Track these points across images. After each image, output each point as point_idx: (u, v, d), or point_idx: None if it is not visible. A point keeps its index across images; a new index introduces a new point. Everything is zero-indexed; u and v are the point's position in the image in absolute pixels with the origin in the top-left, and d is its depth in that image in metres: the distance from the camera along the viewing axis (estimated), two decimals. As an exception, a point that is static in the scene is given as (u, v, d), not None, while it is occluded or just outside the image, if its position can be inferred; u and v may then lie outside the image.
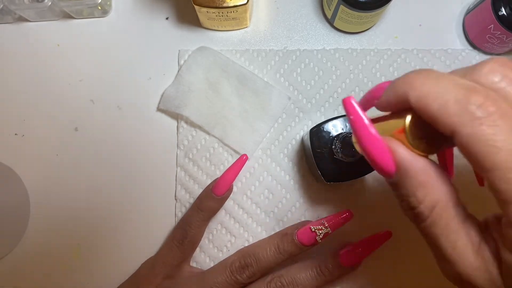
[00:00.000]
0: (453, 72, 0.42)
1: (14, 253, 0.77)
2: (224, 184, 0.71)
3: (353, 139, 0.49)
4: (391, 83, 0.44)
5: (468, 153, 0.37)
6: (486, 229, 0.41)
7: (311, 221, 0.69)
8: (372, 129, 0.42)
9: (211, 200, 0.71)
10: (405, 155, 0.41)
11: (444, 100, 0.38)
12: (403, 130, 0.43)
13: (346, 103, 0.42)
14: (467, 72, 0.41)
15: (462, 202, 0.42)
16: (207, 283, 0.68)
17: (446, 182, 0.42)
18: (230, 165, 0.72)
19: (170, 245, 0.72)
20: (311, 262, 0.70)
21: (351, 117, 0.42)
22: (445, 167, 0.54)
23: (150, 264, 0.74)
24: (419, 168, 0.41)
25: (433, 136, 0.43)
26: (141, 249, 0.77)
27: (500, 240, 0.39)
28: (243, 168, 0.75)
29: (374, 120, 0.46)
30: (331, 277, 0.69)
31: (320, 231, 0.65)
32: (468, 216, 0.42)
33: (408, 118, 0.42)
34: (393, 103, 0.43)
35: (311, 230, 0.65)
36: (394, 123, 0.44)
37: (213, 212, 0.72)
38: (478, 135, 0.36)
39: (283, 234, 0.68)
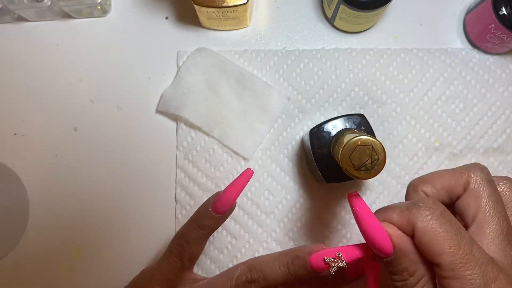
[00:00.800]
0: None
1: (14, 253, 0.77)
2: (226, 201, 0.62)
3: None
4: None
5: (421, 244, 0.49)
6: None
7: (325, 247, 0.63)
8: (375, 218, 0.51)
9: (211, 218, 0.64)
10: (400, 237, 0.51)
11: (398, 210, 0.52)
12: None
13: (351, 196, 0.52)
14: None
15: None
16: None
17: (420, 268, 0.52)
18: (232, 167, 0.71)
19: (168, 260, 0.68)
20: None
21: (357, 208, 0.51)
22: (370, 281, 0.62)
23: (147, 276, 0.70)
24: (411, 249, 0.51)
25: None
26: (141, 250, 0.77)
27: None
28: (243, 169, 0.74)
29: None
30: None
31: (334, 264, 0.60)
32: None
33: None
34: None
35: (325, 261, 0.60)
36: None
37: (213, 229, 0.66)
38: (429, 227, 0.49)
39: (295, 257, 0.63)
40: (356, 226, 0.71)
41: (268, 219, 0.76)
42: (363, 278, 0.67)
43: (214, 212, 0.63)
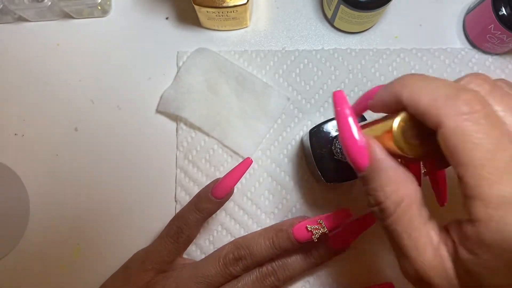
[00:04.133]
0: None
1: (14, 253, 0.77)
2: (225, 187, 0.66)
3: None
4: (384, 86, 0.47)
5: (447, 146, 0.40)
6: (446, 232, 0.43)
7: (307, 217, 0.68)
8: (353, 122, 0.46)
9: (210, 202, 0.68)
10: (379, 151, 0.45)
11: (434, 95, 0.41)
12: (391, 130, 0.45)
13: (336, 95, 0.48)
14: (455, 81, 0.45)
15: (425, 205, 0.45)
16: (199, 275, 0.67)
17: (413, 182, 0.45)
18: (232, 166, 0.72)
19: (164, 241, 0.70)
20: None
21: (338, 108, 0.47)
22: (437, 191, 0.58)
23: (141, 258, 0.72)
24: (390, 165, 0.45)
25: (422, 139, 0.45)
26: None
27: (458, 240, 0.41)
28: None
29: (367, 124, 0.50)
30: (320, 260, 0.70)
31: (316, 231, 0.63)
32: (429, 217, 0.45)
33: (398, 117, 0.45)
34: (386, 102, 0.46)
35: (308, 229, 0.64)
36: (384, 125, 0.47)
37: (211, 213, 0.70)
38: (460, 129, 0.39)
39: (279, 230, 0.67)
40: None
41: (268, 219, 0.76)
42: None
43: (214, 197, 0.67)
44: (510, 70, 0.79)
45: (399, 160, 0.47)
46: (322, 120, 0.69)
